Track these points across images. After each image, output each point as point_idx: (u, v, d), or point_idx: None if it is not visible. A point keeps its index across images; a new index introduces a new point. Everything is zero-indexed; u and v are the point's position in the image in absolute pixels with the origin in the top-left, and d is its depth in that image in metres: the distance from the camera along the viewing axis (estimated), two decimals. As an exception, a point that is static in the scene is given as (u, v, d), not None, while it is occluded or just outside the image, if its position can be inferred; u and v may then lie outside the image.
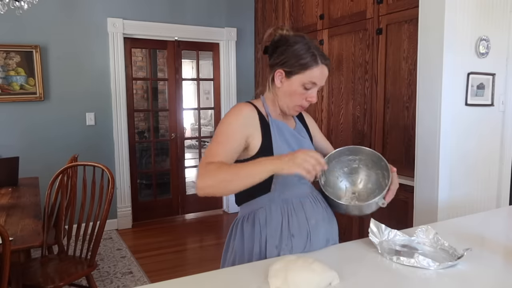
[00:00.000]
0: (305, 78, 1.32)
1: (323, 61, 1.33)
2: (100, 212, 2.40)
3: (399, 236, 1.39)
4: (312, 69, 1.31)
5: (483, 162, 2.58)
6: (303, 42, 1.34)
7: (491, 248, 1.36)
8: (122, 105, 4.22)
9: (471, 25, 2.40)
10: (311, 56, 1.31)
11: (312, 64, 1.31)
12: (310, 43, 1.35)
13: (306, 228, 1.35)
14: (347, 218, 3.28)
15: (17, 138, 3.82)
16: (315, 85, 1.34)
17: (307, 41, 1.35)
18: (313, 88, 1.34)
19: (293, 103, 1.36)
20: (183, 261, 3.56)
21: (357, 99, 3.25)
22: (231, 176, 1.17)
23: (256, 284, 1.08)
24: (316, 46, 1.36)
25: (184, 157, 4.84)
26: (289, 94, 1.35)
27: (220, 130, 1.30)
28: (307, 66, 1.31)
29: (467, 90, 2.42)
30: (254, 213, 1.36)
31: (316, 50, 1.33)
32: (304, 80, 1.32)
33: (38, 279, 2.18)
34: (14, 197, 2.69)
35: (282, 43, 1.36)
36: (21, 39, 3.76)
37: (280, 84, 1.35)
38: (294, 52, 1.32)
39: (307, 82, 1.32)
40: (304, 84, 1.32)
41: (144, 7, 4.24)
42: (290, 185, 1.36)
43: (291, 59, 1.32)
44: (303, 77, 1.32)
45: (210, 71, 4.98)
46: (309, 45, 1.34)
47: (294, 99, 1.35)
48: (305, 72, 1.31)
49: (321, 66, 1.32)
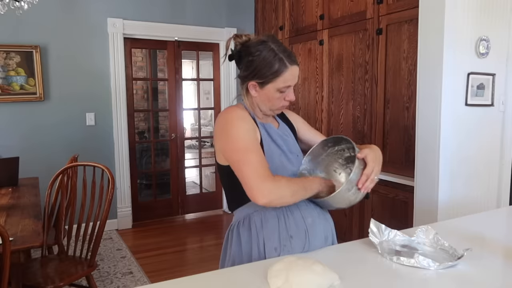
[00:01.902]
0: (278, 84, 1.31)
1: (291, 62, 1.31)
2: (100, 212, 2.40)
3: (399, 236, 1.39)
4: (283, 74, 1.30)
5: (483, 162, 2.58)
6: (266, 48, 1.30)
7: (491, 248, 1.36)
8: (122, 105, 4.22)
9: (471, 25, 2.40)
10: (279, 61, 1.30)
11: (282, 70, 1.30)
12: (273, 46, 1.31)
13: (303, 227, 1.36)
14: (347, 218, 3.28)
15: (17, 139, 3.82)
16: (289, 87, 1.34)
17: (270, 45, 1.31)
18: (288, 89, 1.34)
19: (274, 107, 1.37)
20: (183, 261, 3.56)
21: (357, 99, 3.25)
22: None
23: (255, 285, 1.08)
24: (280, 47, 1.32)
25: (184, 157, 4.84)
26: (268, 101, 1.35)
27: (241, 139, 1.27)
28: (278, 73, 1.30)
29: (467, 90, 2.42)
30: (249, 217, 1.36)
31: (282, 52, 1.30)
32: (277, 86, 1.32)
33: (38, 279, 2.18)
34: (14, 197, 2.69)
35: (245, 53, 1.33)
36: (21, 39, 3.76)
37: (256, 93, 1.35)
38: (261, 62, 1.30)
39: (281, 87, 1.32)
40: (279, 90, 1.32)
41: (144, 7, 4.24)
42: None
43: (261, 70, 1.30)
44: (276, 83, 1.31)
45: (210, 71, 4.98)
46: (273, 50, 1.30)
47: (273, 103, 1.35)
48: (277, 79, 1.31)
49: (290, 68, 1.31)
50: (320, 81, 3.64)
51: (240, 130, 1.28)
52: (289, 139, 1.45)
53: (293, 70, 1.32)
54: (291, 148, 1.43)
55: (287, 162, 1.39)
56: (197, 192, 5.09)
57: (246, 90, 1.37)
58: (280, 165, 1.36)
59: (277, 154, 1.37)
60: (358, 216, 3.18)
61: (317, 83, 3.68)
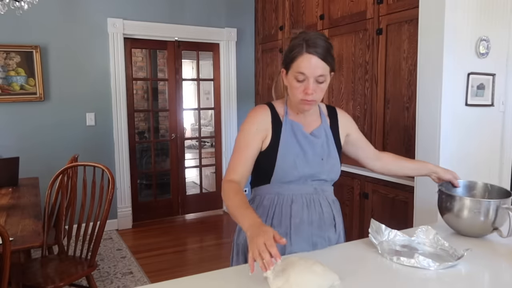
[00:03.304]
0: (294, 70, 1.31)
1: (308, 49, 1.28)
2: (100, 212, 2.40)
3: (399, 237, 1.39)
4: (298, 60, 1.29)
5: (483, 163, 2.58)
6: (300, 36, 1.32)
7: (491, 248, 1.36)
8: (122, 105, 4.22)
9: (471, 25, 2.40)
10: (298, 46, 1.29)
11: (296, 55, 1.29)
12: (306, 35, 1.31)
13: (286, 224, 1.38)
14: (347, 218, 3.28)
15: (17, 139, 3.82)
16: (304, 75, 1.30)
17: (306, 34, 1.32)
18: (306, 80, 1.30)
19: (295, 98, 1.35)
20: (183, 262, 3.56)
21: (357, 99, 3.25)
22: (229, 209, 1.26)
23: (255, 285, 1.08)
24: (314, 37, 1.30)
25: (184, 158, 4.84)
26: (290, 90, 1.36)
27: (239, 137, 1.41)
28: (293, 58, 1.30)
29: (467, 91, 2.42)
30: (254, 198, 1.48)
31: (308, 41, 1.29)
32: (294, 72, 1.31)
33: (38, 280, 2.18)
34: (14, 198, 2.69)
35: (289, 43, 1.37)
36: (21, 40, 3.76)
37: (286, 82, 1.38)
38: (288, 48, 1.34)
39: (296, 74, 1.30)
40: (295, 77, 1.31)
41: (144, 7, 4.24)
42: (288, 181, 1.40)
43: (286, 55, 1.34)
44: (293, 69, 1.31)
45: (210, 72, 4.98)
46: (302, 37, 1.30)
47: (294, 94, 1.34)
48: (293, 65, 1.31)
49: (305, 55, 1.28)
50: (320, 81, 3.64)
51: (244, 130, 1.40)
52: (319, 140, 1.43)
53: (310, 59, 1.28)
54: (316, 150, 1.42)
55: (302, 163, 1.38)
56: (197, 192, 5.09)
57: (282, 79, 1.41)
58: (291, 165, 1.37)
59: (293, 153, 1.38)
60: (358, 216, 3.18)
61: (317, 83, 3.68)
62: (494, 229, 1.39)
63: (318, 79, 1.31)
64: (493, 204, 1.37)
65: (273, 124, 1.41)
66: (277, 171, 1.38)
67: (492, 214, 1.37)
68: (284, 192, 1.41)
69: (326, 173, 1.43)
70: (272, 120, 1.41)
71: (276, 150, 1.38)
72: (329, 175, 1.44)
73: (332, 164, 1.44)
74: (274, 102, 1.48)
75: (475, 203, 1.40)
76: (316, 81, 1.31)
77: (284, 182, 1.40)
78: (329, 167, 1.43)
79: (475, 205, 1.39)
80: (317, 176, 1.42)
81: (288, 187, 1.40)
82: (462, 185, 1.60)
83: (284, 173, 1.38)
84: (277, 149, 1.38)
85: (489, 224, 1.38)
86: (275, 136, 1.39)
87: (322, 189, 1.45)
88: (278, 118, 1.42)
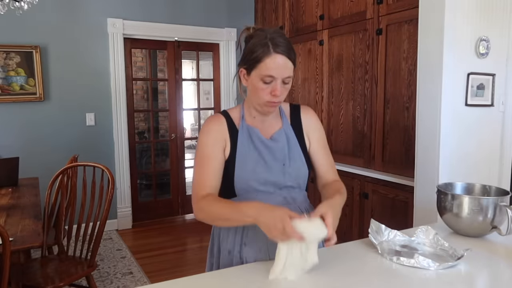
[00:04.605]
0: (260, 72, 1.22)
1: (276, 49, 1.20)
2: (100, 212, 2.40)
3: (399, 237, 1.39)
4: (265, 61, 1.21)
5: (483, 163, 2.58)
6: (261, 35, 1.23)
7: (491, 248, 1.36)
8: (122, 105, 4.22)
9: (471, 25, 2.40)
10: (263, 47, 1.21)
11: (263, 56, 1.21)
12: (268, 34, 1.23)
13: (263, 239, 1.24)
14: (347, 218, 3.28)
15: (17, 139, 3.82)
16: (272, 78, 1.22)
17: (266, 33, 1.24)
18: (273, 81, 1.23)
19: (261, 100, 1.27)
20: (183, 262, 3.56)
21: (357, 100, 3.25)
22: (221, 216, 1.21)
23: (255, 285, 1.08)
24: (276, 35, 1.23)
25: (184, 158, 4.84)
26: (254, 92, 1.27)
27: (197, 152, 1.32)
28: (259, 59, 1.21)
29: (467, 91, 2.42)
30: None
31: (273, 39, 1.21)
32: (260, 74, 1.22)
33: (38, 280, 2.18)
34: (14, 198, 2.69)
35: (246, 40, 1.29)
36: (21, 40, 3.76)
37: (246, 83, 1.30)
38: (249, 47, 1.25)
39: (263, 75, 1.22)
40: (262, 79, 1.23)
41: (144, 8, 4.24)
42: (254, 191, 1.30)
43: (247, 55, 1.25)
44: (259, 71, 1.22)
45: (210, 72, 4.98)
46: (265, 36, 1.22)
47: (260, 95, 1.26)
48: (259, 66, 1.22)
49: (273, 55, 1.20)
50: (320, 81, 3.64)
51: (202, 143, 1.32)
52: (278, 145, 1.33)
53: (277, 59, 1.20)
54: (276, 156, 1.32)
55: (262, 169, 1.30)
56: (197, 192, 5.09)
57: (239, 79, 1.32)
58: (251, 171, 1.29)
59: (252, 160, 1.30)
60: (358, 216, 3.18)
61: (317, 83, 3.68)
62: (493, 228, 1.39)
63: (285, 80, 1.24)
64: (492, 202, 1.38)
65: (230, 132, 1.32)
66: (238, 181, 1.29)
67: (491, 212, 1.37)
68: None
69: (290, 179, 1.32)
70: (229, 128, 1.33)
71: (234, 159, 1.30)
72: (296, 180, 1.34)
73: (297, 168, 1.34)
74: (229, 109, 1.39)
75: (474, 201, 1.40)
76: (282, 82, 1.24)
77: (250, 193, 1.30)
78: (293, 172, 1.33)
79: (474, 203, 1.39)
80: (281, 184, 1.32)
81: (256, 199, 1.26)
82: (460, 187, 1.61)
83: (245, 182, 1.29)
84: (235, 157, 1.30)
85: (488, 223, 1.38)
86: (233, 144, 1.31)
87: (292, 197, 1.34)
88: (234, 125, 1.34)
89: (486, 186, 1.58)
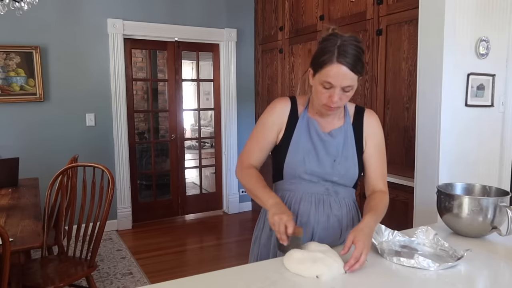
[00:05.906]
0: (322, 77, 1.28)
1: (339, 59, 1.23)
2: (100, 213, 2.39)
3: (399, 237, 1.39)
4: (327, 68, 1.25)
5: (483, 163, 2.58)
6: (333, 40, 1.27)
7: (491, 248, 1.36)
8: (122, 106, 4.22)
9: (471, 26, 2.40)
10: (329, 53, 1.25)
11: (326, 62, 1.25)
12: (340, 40, 1.26)
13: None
14: (347, 219, 3.27)
15: (17, 139, 3.82)
16: (331, 84, 1.26)
17: (340, 38, 1.26)
18: (332, 88, 1.27)
19: (319, 102, 1.33)
20: (183, 262, 3.56)
21: (357, 100, 3.25)
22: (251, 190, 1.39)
23: (256, 285, 1.08)
24: (346, 43, 1.25)
25: (184, 158, 4.84)
26: (315, 93, 1.34)
27: (256, 126, 1.48)
28: (323, 64, 1.26)
29: (467, 91, 2.42)
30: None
31: (340, 48, 1.24)
32: (321, 78, 1.28)
33: (38, 280, 2.18)
34: (14, 198, 2.69)
35: (320, 41, 1.34)
36: (21, 40, 3.76)
37: (312, 82, 1.36)
38: (318, 50, 1.30)
39: (323, 81, 1.27)
40: (322, 83, 1.29)
41: (144, 8, 4.24)
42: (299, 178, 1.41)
43: (315, 57, 1.31)
44: (321, 75, 1.28)
45: (210, 72, 4.98)
46: (336, 42, 1.25)
47: (319, 98, 1.32)
48: (322, 71, 1.27)
49: (335, 65, 1.24)
50: (320, 81, 3.64)
51: (261, 120, 1.47)
52: (334, 141, 1.39)
53: (338, 69, 1.24)
54: (329, 150, 1.39)
55: (312, 161, 1.38)
56: (197, 193, 5.09)
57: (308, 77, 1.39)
58: (300, 160, 1.39)
59: (304, 150, 1.39)
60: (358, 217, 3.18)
61: (317, 84, 3.68)
62: (493, 228, 1.39)
63: (345, 88, 1.28)
64: (492, 203, 1.38)
65: (290, 119, 1.43)
66: (287, 167, 1.40)
67: (490, 212, 1.37)
68: (295, 189, 1.42)
69: (337, 175, 1.39)
70: (290, 114, 1.43)
71: (287, 145, 1.40)
72: (342, 178, 1.40)
73: (347, 167, 1.39)
74: (298, 96, 1.48)
75: (474, 202, 1.40)
76: (342, 90, 1.28)
77: (295, 179, 1.41)
78: (342, 170, 1.39)
79: (474, 204, 1.39)
80: (327, 177, 1.39)
81: (299, 185, 1.41)
82: (460, 187, 1.61)
83: (293, 169, 1.40)
84: (289, 143, 1.40)
85: (488, 223, 1.38)
86: (289, 131, 1.41)
87: (335, 191, 1.42)
88: (296, 113, 1.43)
89: (486, 186, 1.58)
